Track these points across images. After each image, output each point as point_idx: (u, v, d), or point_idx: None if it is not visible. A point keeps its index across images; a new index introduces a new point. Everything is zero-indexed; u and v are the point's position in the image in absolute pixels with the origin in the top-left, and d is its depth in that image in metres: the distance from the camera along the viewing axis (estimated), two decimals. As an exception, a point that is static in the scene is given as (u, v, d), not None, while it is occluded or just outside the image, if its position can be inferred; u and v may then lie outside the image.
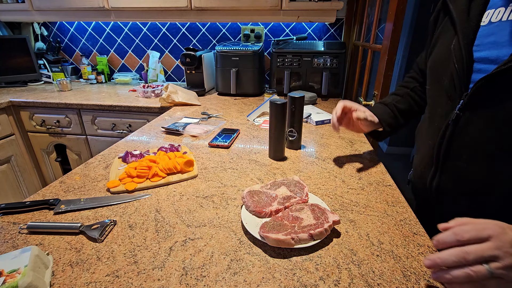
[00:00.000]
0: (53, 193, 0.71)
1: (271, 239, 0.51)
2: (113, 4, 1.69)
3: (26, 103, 1.64)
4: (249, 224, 0.57)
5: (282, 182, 0.70)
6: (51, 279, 0.46)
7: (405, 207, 0.66)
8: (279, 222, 0.56)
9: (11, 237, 0.56)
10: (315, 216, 0.57)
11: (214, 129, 1.16)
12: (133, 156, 0.84)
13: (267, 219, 0.59)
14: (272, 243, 0.51)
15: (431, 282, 0.46)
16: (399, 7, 1.08)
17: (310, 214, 0.58)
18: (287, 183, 0.70)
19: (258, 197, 0.64)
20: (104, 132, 1.66)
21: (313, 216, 0.57)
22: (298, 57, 1.63)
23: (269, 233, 0.52)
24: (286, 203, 0.62)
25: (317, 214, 0.58)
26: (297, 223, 0.56)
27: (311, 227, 0.54)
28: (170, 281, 0.46)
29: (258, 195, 0.64)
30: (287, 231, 0.53)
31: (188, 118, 1.28)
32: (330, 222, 0.55)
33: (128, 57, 2.18)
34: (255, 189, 0.67)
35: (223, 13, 1.69)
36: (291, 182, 0.70)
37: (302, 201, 0.64)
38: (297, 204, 0.62)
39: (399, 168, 2.91)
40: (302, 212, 0.59)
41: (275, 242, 0.51)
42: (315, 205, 0.60)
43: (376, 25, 1.40)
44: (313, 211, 0.59)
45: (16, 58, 1.93)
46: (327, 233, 0.54)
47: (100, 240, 0.55)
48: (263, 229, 0.54)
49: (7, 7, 1.86)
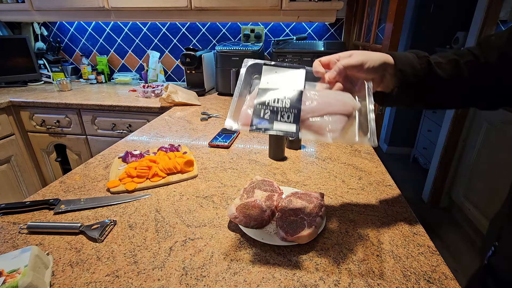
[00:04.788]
0: (53, 193, 0.71)
1: (303, 237, 0.52)
2: (113, 4, 1.69)
3: (26, 103, 1.64)
4: (257, 235, 0.55)
5: (252, 186, 0.67)
6: (51, 279, 0.46)
7: (405, 207, 0.66)
8: (288, 221, 0.56)
9: (11, 237, 0.56)
10: (306, 200, 0.61)
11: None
12: (133, 156, 0.84)
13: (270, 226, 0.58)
14: (305, 240, 0.53)
15: (431, 282, 0.46)
16: (399, 7, 1.08)
17: (300, 201, 0.61)
18: (257, 185, 0.67)
19: (249, 210, 0.60)
20: (104, 132, 1.66)
21: (305, 201, 0.61)
22: (298, 57, 1.63)
23: (294, 234, 0.53)
24: (274, 203, 0.62)
25: (305, 197, 0.62)
26: (301, 213, 0.57)
27: (315, 210, 0.58)
28: (170, 281, 0.46)
29: (247, 208, 0.60)
30: (303, 223, 0.55)
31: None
32: (321, 198, 0.62)
33: (128, 57, 2.18)
34: (238, 203, 0.61)
35: (223, 13, 1.69)
36: (259, 183, 0.68)
37: (279, 194, 0.65)
38: (280, 199, 0.64)
39: (399, 168, 2.91)
40: (292, 203, 0.61)
41: (307, 238, 0.53)
42: (295, 192, 0.65)
43: (376, 25, 1.40)
44: (299, 197, 0.62)
45: (16, 58, 1.93)
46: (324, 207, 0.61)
47: (100, 240, 0.55)
48: (287, 234, 0.53)
49: (7, 7, 1.86)
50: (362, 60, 0.47)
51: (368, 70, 0.48)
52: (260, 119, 0.44)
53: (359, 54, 0.48)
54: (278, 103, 0.45)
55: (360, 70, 0.48)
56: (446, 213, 2.19)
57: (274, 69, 0.50)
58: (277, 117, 0.44)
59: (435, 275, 0.47)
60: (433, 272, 0.48)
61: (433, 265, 0.49)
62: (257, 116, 0.44)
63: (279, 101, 0.46)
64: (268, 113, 0.45)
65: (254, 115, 0.45)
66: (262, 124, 0.44)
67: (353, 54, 0.49)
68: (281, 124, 0.44)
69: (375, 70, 0.48)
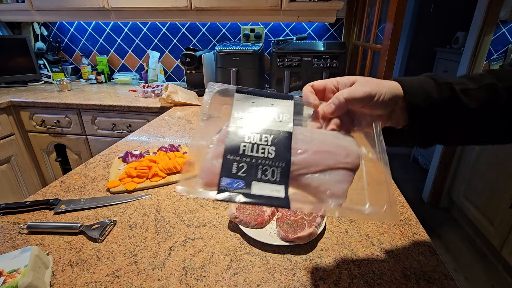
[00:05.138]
0: (53, 193, 0.71)
1: (303, 237, 0.52)
2: (113, 4, 1.69)
3: (26, 103, 1.64)
4: (257, 235, 0.55)
5: None
6: (51, 279, 0.46)
7: (405, 207, 0.66)
8: (288, 221, 0.56)
9: (11, 237, 0.56)
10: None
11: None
12: (133, 156, 0.84)
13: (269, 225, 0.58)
14: (305, 240, 0.53)
15: (431, 282, 0.46)
16: (399, 7, 1.08)
17: None
18: None
19: (249, 210, 0.59)
20: (104, 132, 1.66)
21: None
22: (298, 57, 1.63)
23: (294, 234, 0.53)
24: None
25: None
26: (301, 213, 0.57)
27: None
28: (170, 281, 0.46)
29: (247, 208, 0.59)
30: (303, 223, 0.54)
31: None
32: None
33: (128, 57, 2.18)
34: (236, 204, 0.60)
35: (223, 13, 1.69)
36: None
37: None
38: None
39: (399, 168, 2.91)
40: None
41: (307, 238, 0.52)
42: None
43: (376, 25, 1.40)
44: None
45: (16, 58, 1.93)
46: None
47: (100, 240, 0.55)
48: (287, 234, 0.53)
49: (7, 7, 1.86)
50: (369, 93, 0.35)
51: (376, 105, 0.36)
52: (231, 178, 0.31)
53: (365, 84, 0.36)
54: (257, 151, 0.32)
55: (366, 104, 0.36)
56: (446, 213, 2.19)
57: (251, 98, 0.37)
58: (256, 174, 0.31)
59: (435, 275, 0.47)
60: (433, 272, 0.48)
61: (433, 265, 0.49)
62: (227, 172, 0.31)
63: (259, 149, 0.32)
64: (243, 167, 0.31)
65: (222, 170, 0.31)
66: (234, 186, 0.30)
67: (356, 82, 0.37)
68: (262, 185, 0.30)
69: (384, 105, 0.36)
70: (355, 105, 0.36)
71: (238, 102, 0.37)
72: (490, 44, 1.79)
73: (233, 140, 0.33)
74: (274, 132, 0.33)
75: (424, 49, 2.83)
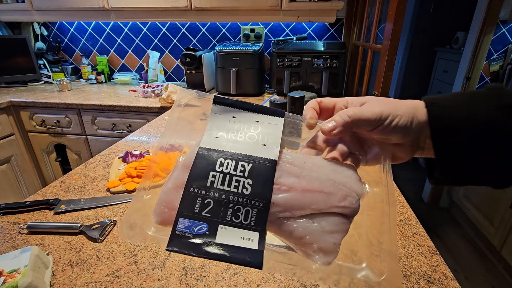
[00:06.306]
0: (53, 193, 0.71)
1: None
2: (113, 4, 1.69)
3: (26, 103, 1.64)
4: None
5: None
6: (51, 279, 0.46)
7: (405, 207, 0.66)
8: None
9: (11, 237, 0.56)
10: None
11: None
12: (133, 156, 0.84)
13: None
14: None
15: (431, 282, 0.46)
16: (399, 7, 1.08)
17: None
18: None
19: None
20: (104, 132, 1.66)
21: None
22: (298, 57, 1.63)
23: None
24: None
25: None
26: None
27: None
28: (170, 281, 0.46)
29: None
30: None
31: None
32: None
33: (128, 57, 2.18)
34: None
35: (223, 13, 1.69)
36: None
37: None
38: None
39: (399, 168, 2.91)
40: None
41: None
42: None
43: (376, 25, 1.40)
44: None
45: (16, 58, 1.93)
46: None
47: (100, 240, 0.55)
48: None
49: (7, 7, 1.86)
50: (379, 114, 0.27)
51: (389, 130, 0.28)
52: (191, 220, 0.24)
53: (376, 104, 0.28)
54: (230, 185, 0.25)
55: (375, 128, 0.28)
56: (446, 213, 2.19)
57: (231, 112, 0.29)
58: (225, 215, 0.24)
59: (435, 275, 0.47)
60: (433, 272, 0.48)
61: (433, 265, 0.49)
62: (188, 209, 0.24)
63: (233, 182, 0.25)
64: (209, 205, 0.24)
65: (182, 206, 0.25)
66: (195, 230, 0.24)
67: (367, 102, 0.29)
68: (230, 231, 0.24)
69: (400, 131, 0.28)
70: (362, 128, 0.28)
71: (214, 116, 0.30)
72: (490, 44, 1.79)
73: (201, 167, 0.26)
74: (254, 160, 0.26)
75: (424, 49, 2.84)
